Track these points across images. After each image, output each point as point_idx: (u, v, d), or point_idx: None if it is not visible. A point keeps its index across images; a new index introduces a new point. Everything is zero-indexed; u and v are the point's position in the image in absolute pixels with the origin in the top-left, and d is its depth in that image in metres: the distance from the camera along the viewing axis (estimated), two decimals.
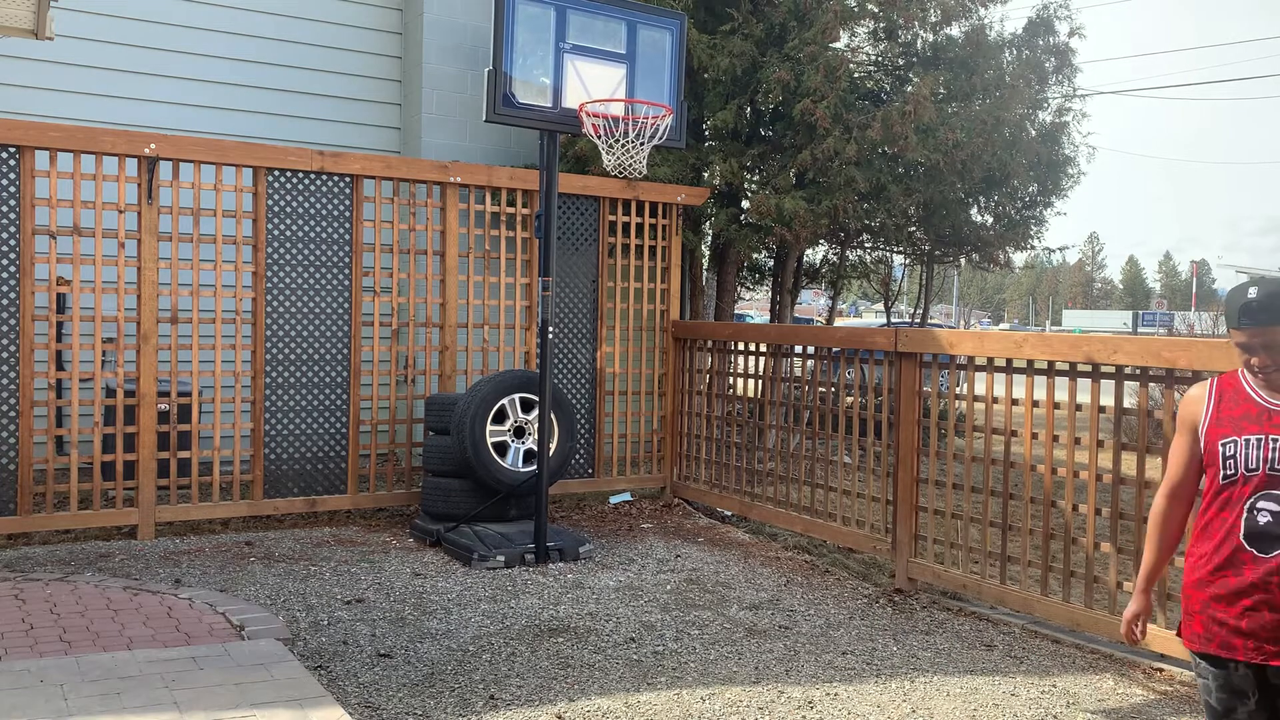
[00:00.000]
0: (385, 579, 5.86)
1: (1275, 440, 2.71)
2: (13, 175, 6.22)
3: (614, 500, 8.24)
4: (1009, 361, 5.51)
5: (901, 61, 9.88)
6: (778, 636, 5.08)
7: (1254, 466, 2.72)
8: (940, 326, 22.23)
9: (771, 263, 11.57)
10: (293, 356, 7.06)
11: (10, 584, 5.38)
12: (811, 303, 39.70)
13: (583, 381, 8.15)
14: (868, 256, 13.09)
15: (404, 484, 7.56)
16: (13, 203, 6.22)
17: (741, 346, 7.90)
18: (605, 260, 8.19)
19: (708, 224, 10.06)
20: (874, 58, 10.10)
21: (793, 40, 8.70)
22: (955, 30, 9.52)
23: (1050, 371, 5.33)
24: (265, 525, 7.10)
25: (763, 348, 7.75)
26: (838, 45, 8.87)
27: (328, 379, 7.17)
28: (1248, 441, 2.74)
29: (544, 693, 4.26)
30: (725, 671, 4.58)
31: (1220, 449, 2.78)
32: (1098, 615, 5.02)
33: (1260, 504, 2.71)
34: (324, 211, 7.14)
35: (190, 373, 6.78)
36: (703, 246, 10.30)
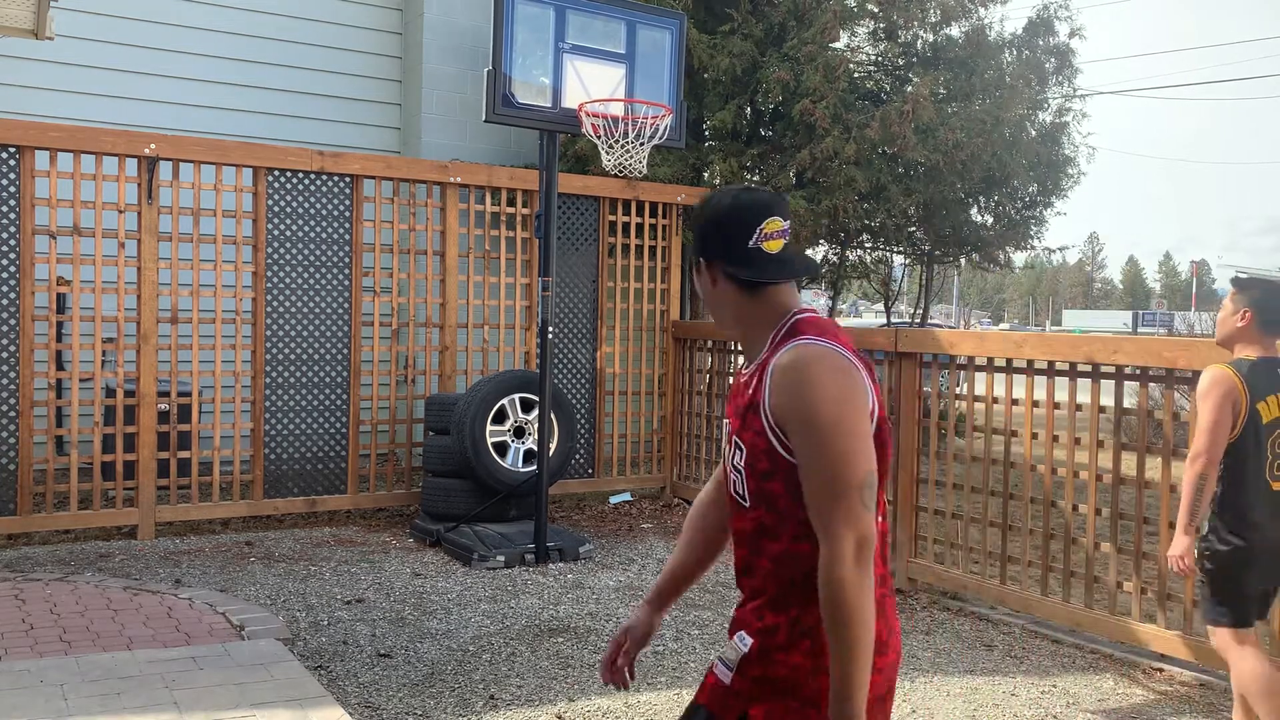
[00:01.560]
0: (385, 579, 5.86)
1: (726, 425, 2.00)
2: (13, 175, 6.22)
3: (614, 500, 8.24)
4: (1009, 361, 5.50)
5: (901, 62, 9.89)
6: None
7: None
8: (940, 326, 22.23)
9: None
10: (293, 356, 7.05)
11: (10, 584, 5.38)
12: (811, 303, 39.69)
13: (583, 381, 8.15)
14: (868, 256, 13.09)
15: (404, 484, 7.56)
16: (13, 203, 6.22)
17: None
18: (605, 260, 8.19)
19: None
20: (874, 58, 10.10)
21: (792, 40, 8.70)
22: (955, 30, 9.53)
23: (1050, 372, 5.33)
24: (265, 525, 7.10)
25: None
26: (837, 45, 8.88)
27: (328, 379, 7.17)
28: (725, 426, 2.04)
29: (544, 693, 4.26)
30: None
31: None
32: (1098, 615, 5.02)
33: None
34: (324, 211, 7.14)
35: (190, 373, 6.77)
36: None
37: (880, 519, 1.88)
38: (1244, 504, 3.56)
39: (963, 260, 11.91)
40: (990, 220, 10.66)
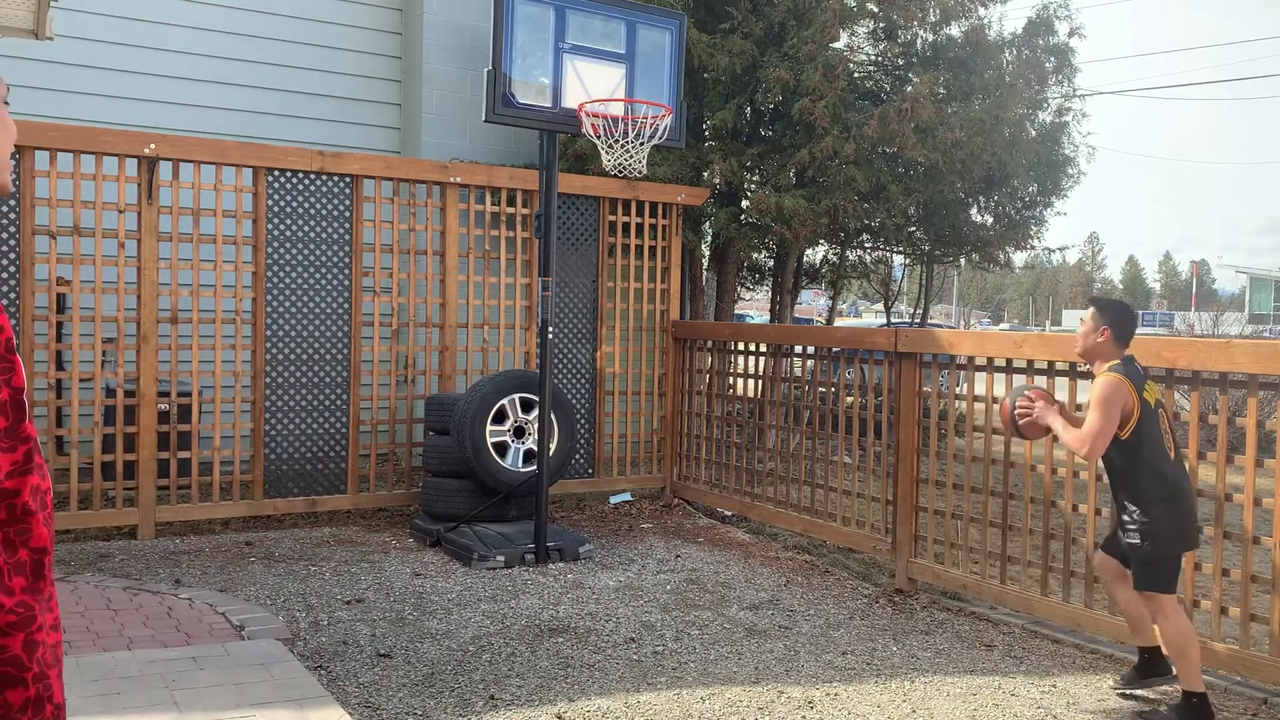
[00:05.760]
0: (385, 579, 5.86)
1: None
2: (12, 175, 6.21)
3: (614, 500, 8.24)
4: (1009, 361, 5.50)
5: (901, 61, 9.89)
6: (778, 636, 5.08)
7: None
8: (940, 326, 22.23)
9: (771, 263, 11.57)
10: (293, 356, 7.05)
11: None
12: (811, 303, 39.68)
13: (583, 381, 8.15)
14: (868, 256, 13.09)
15: (404, 484, 7.56)
16: (13, 203, 6.22)
17: (741, 346, 7.90)
18: (605, 260, 8.19)
19: (708, 224, 10.06)
20: (874, 57, 10.10)
21: (792, 39, 8.70)
22: (955, 30, 9.52)
23: (1050, 371, 5.33)
24: (265, 525, 7.09)
25: (763, 348, 7.74)
26: (837, 45, 8.87)
27: (328, 379, 7.17)
28: None
29: (544, 693, 4.26)
30: (725, 671, 4.58)
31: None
32: (1098, 615, 5.01)
33: None
34: (324, 211, 7.14)
35: (190, 373, 6.77)
36: (703, 246, 10.30)
37: None
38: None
39: (963, 260, 11.91)
40: (990, 220, 10.65)
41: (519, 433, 6.85)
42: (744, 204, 9.69)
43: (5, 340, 1.51)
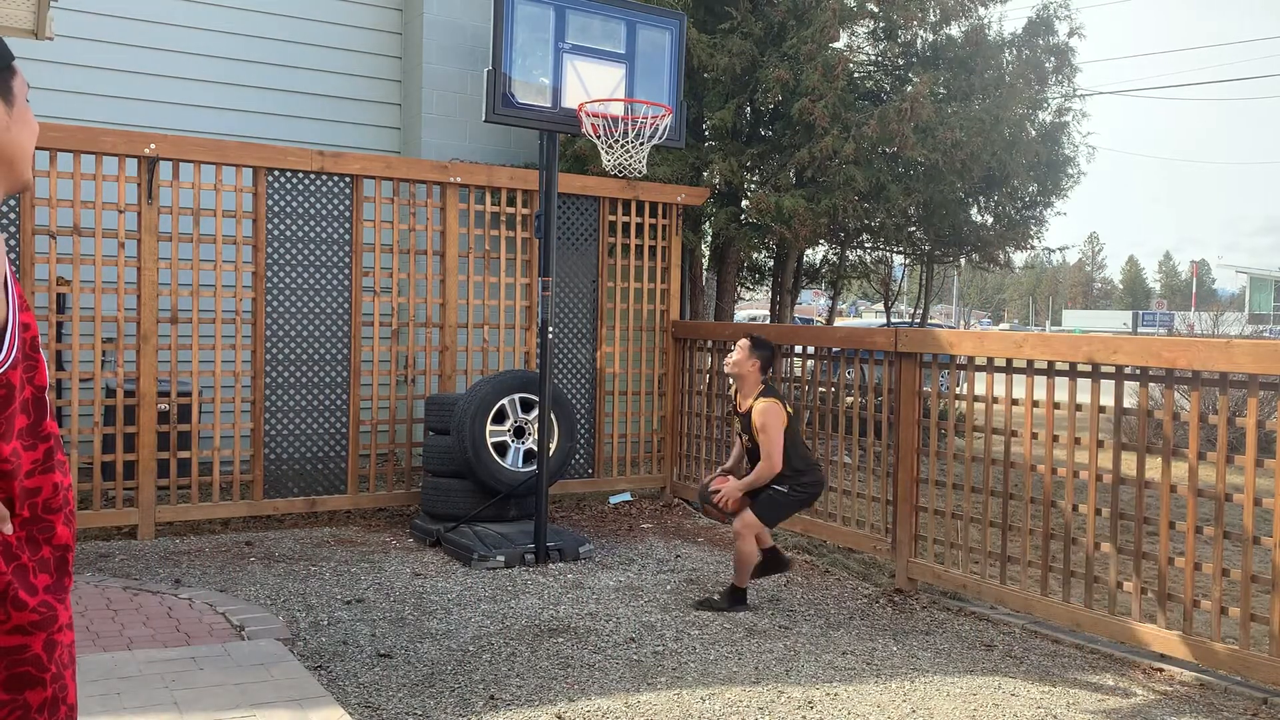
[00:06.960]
0: (385, 579, 5.86)
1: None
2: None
3: (614, 500, 8.24)
4: (1009, 361, 5.50)
5: (901, 61, 9.89)
6: (778, 636, 5.08)
7: None
8: (940, 326, 22.23)
9: (771, 263, 11.58)
10: (293, 356, 7.05)
11: None
12: (811, 303, 39.66)
13: (583, 381, 8.15)
14: (868, 256, 13.10)
15: (404, 484, 7.56)
16: (12, 202, 6.22)
17: None
18: (605, 260, 8.19)
19: (708, 223, 10.07)
20: (873, 57, 10.11)
21: (792, 39, 8.70)
22: (955, 30, 9.53)
23: (1050, 371, 5.33)
24: (265, 525, 7.09)
25: None
26: (837, 45, 8.88)
27: (328, 379, 7.17)
28: None
29: (544, 693, 4.26)
30: (725, 671, 4.58)
31: None
32: (1098, 615, 5.02)
33: None
34: (324, 211, 7.14)
35: (190, 373, 6.77)
36: (703, 246, 10.30)
37: None
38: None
39: (963, 260, 11.92)
40: (990, 220, 10.66)
41: (519, 433, 6.85)
42: (744, 204, 9.69)
43: (31, 338, 1.51)
